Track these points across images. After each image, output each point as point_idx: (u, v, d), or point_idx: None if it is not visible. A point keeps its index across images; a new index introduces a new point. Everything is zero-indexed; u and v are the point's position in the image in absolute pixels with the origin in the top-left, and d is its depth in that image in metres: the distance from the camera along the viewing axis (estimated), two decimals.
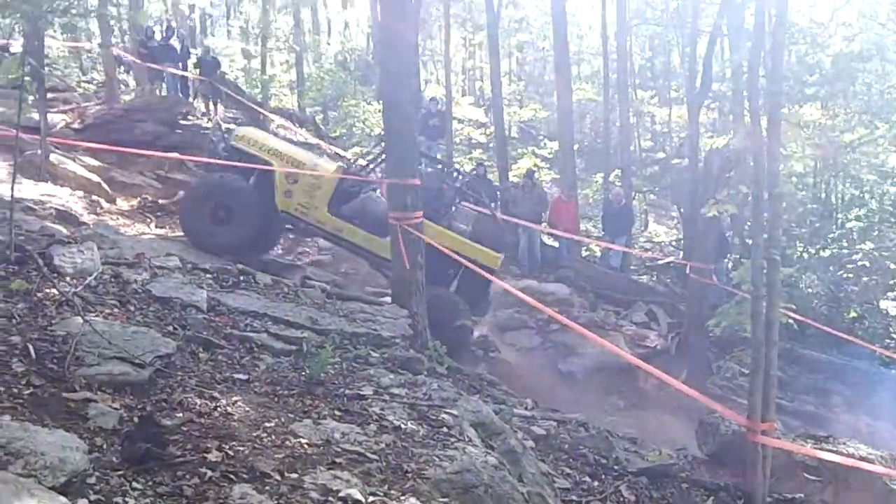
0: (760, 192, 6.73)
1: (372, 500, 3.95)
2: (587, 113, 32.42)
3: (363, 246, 10.45)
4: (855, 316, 16.29)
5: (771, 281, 6.49)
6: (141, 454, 3.83)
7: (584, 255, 19.20)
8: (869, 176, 19.28)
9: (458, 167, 13.34)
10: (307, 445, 4.46)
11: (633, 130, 26.47)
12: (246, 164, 9.78)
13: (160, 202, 14.02)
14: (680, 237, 21.79)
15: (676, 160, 23.40)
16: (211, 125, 20.12)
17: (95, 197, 12.96)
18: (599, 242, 18.95)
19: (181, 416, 4.58)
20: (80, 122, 16.98)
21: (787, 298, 9.26)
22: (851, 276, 16.60)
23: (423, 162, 12.08)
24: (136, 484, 3.67)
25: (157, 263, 7.86)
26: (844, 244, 17.54)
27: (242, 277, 8.35)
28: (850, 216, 19.27)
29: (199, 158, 10.01)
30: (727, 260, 16.78)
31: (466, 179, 12.19)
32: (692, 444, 8.69)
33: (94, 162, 14.53)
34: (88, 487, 3.55)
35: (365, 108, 25.92)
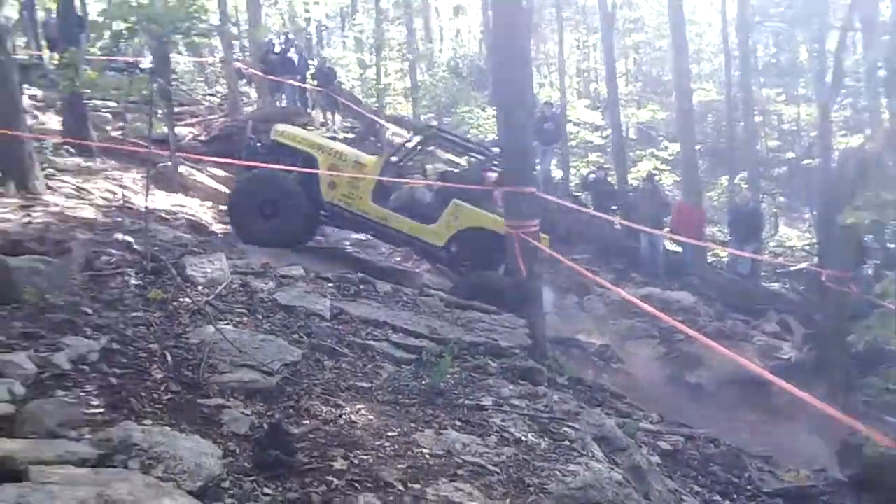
0: None
1: None
2: (709, 112, 31.52)
3: (410, 233, 10.50)
4: None
5: None
6: (271, 461, 3.94)
7: (709, 261, 18.69)
8: None
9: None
10: (429, 456, 4.50)
11: (758, 130, 25.65)
12: (288, 158, 10.05)
13: None
14: (813, 241, 20.87)
15: (807, 160, 22.54)
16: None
17: (223, 206, 13.38)
18: (726, 248, 18.35)
19: (308, 423, 4.69)
20: (206, 133, 17.61)
21: None
22: None
23: (465, 149, 12.24)
24: (266, 490, 3.78)
25: (281, 273, 8.09)
26: None
27: (363, 286, 8.49)
28: None
29: (305, 170, 9.97)
30: (867, 267, 15.93)
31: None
32: (832, 465, 8.22)
33: (220, 172, 15.00)
34: (223, 492, 3.68)
35: (479, 114, 26.02)
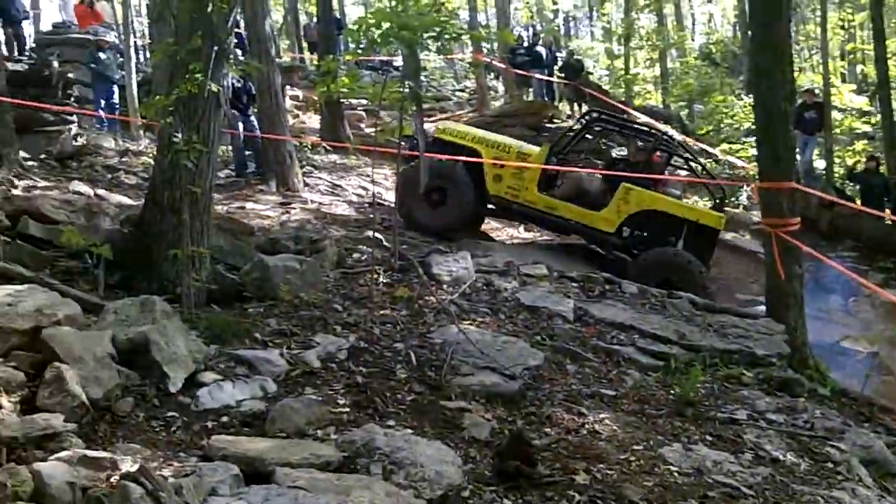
0: None
1: None
2: None
3: (578, 221, 10.12)
4: None
5: None
6: (512, 471, 3.85)
7: None
8: None
9: (668, 135, 12.09)
10: (677, 474, 4.25)
11: None
12: (452, 153, 9.89)
13: None
14: None
15: None
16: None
17: None
18: None
19: (550, 432, 4.57)
20: None
21: None
22: None
23: (633, 132, 11.71)
24: (506, 502, 3.69)
25: (525, 271, 8.01)
26: None
27: (608, 286, 8.25)
28: None
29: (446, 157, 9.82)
30: None
31: (676, 148, 11.45)
32: None
33: None
34: (463, 502, 3.63)
35: (733, 102, 24.78)
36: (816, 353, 8.04)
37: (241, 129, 11.81)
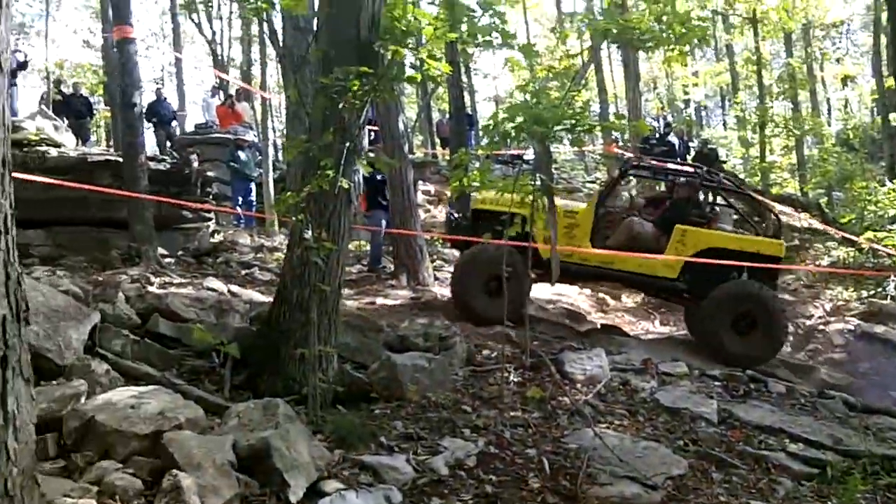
0: None
1: None
2: None
3: (638, 272, 9.52)
4: None
5: None
6: None
7: None
8: None
9: (712, 170, 11.20)
10: None
11: None
12: (495, 224, 9.25)
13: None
14: None
15: None
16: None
17: (602, 294, 13.24)
18: None
19: None
20: None
21: None
22: None
23: (672, 173, 10.94)
24: None
25: (663, 369, 7.60)
26: None
27: (753, 385, 7.72)
28: None
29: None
30: None
31: (719, 183, 10.69)
32: None
33: None
34: None
35: (876, 188, 23.62)
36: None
37: (383, 224, 11.94)
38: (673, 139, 21.11)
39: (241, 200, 15.13)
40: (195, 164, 12.13)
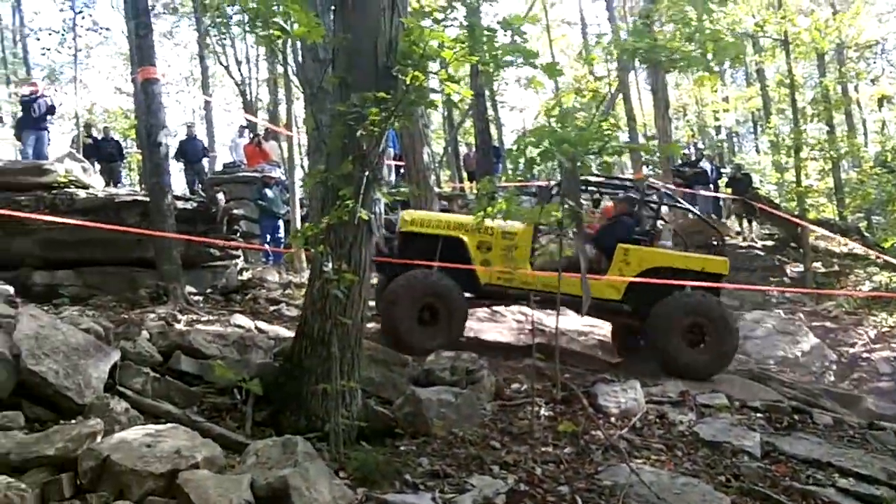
0: None
1: None
2: None
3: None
4: None
5: None
6: None
7: None
8: None
9: (655, 188, 10.72)
10: None
11: None
12: (427, 246, 8.89)
13: None
14: None
15: None
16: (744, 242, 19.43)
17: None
18: None
19: None
20: None
21: None
22: None
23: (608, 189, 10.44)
24: None
25: (702, 401, 7.32)
26: None
27: (797, 416, 7.41)
28: None
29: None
30: None
31: (663, 201, 10.28)
32: None
33: None
34: None
35: None
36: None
37: None
38: (705, 165, 20.87)
39: (268, 238, 15.11)
40: (222, 202, 12.09)
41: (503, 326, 10.59)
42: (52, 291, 10.28)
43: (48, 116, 14.85)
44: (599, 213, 10.60)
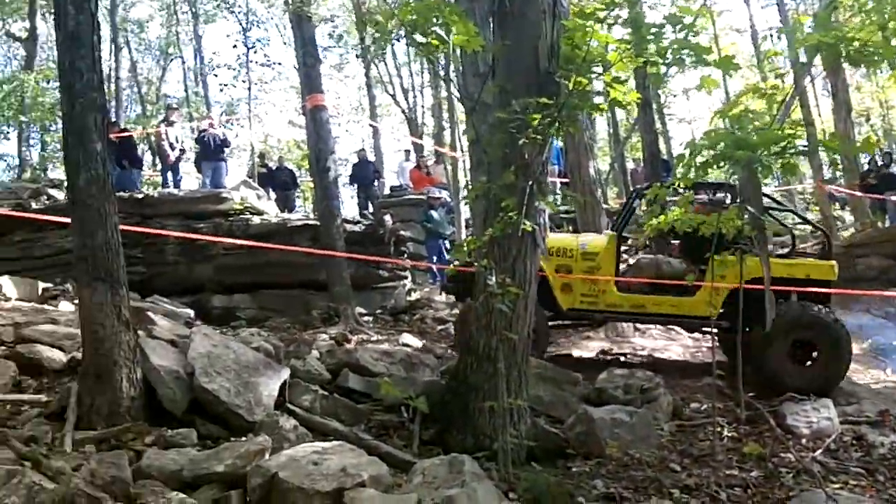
0: None
1: None
2: None
3: (675, 314, 8.26)
4: None
5: None
6: None
7: None
8: None
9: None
10: None
11: None
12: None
13: None
14: None
15: None
16: None
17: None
18: None
19: None
20: None
21: None
22: None
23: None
24: None
25: None
26: None
27: None
28: None
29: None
30: None
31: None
32: None
33: None
34: None
35: None
36: None
37: None
38: (895, 169, 19.45)
39: (434, 259, 15.20)
40: (389, 224, 12.24)
41: (678, 344, 10.11)
42: (229, 314, 10.67)
43: (224, 149, 15.53)
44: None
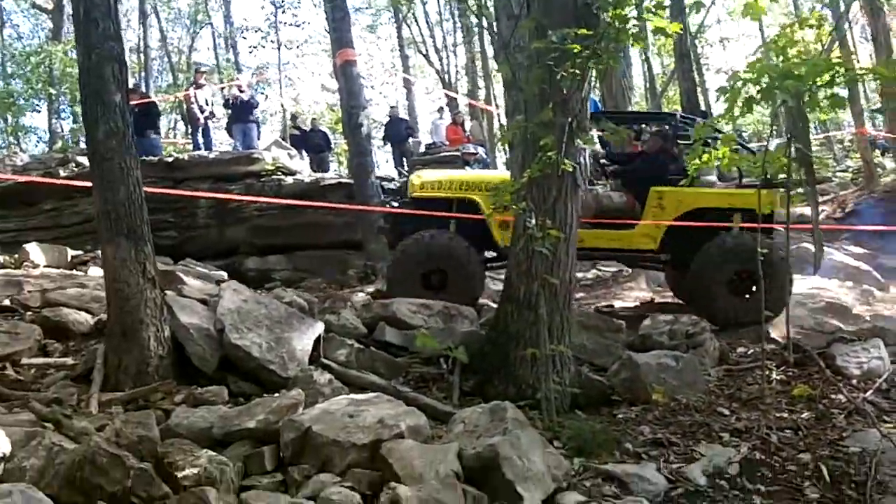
0: None
1: None
2: None
3: (614, 248, 8.19)
4: None
5: None
6: None
7: None
8: None
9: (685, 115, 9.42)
10: None
11: None
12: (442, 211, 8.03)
13: None
14: None
15: None
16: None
17: (866, 286, 11.85)
18: None
19: None
20: (840, 210, 16.33)
21: None
22: None
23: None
24: None
25: None
26: None
27: None
28: None
29: None
30: None
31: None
32: None
33: (858, 250, 13.60)
34: None
35: None
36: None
37: None
38: None
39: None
40: None
41: None
42: (264, 276, 10.62)
43: (253, 110, 15.41)
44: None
